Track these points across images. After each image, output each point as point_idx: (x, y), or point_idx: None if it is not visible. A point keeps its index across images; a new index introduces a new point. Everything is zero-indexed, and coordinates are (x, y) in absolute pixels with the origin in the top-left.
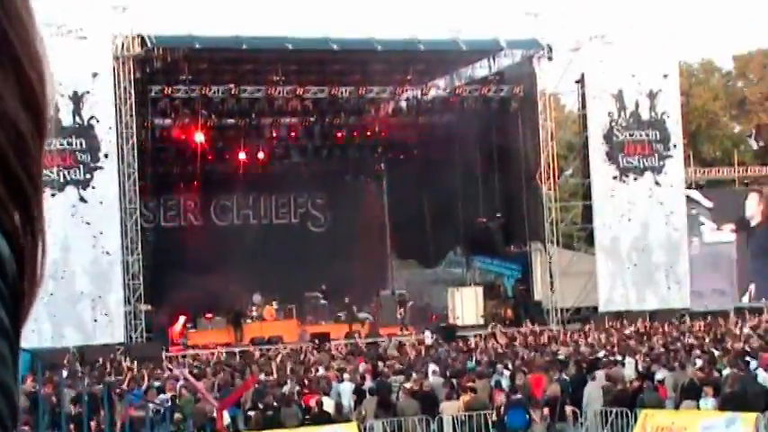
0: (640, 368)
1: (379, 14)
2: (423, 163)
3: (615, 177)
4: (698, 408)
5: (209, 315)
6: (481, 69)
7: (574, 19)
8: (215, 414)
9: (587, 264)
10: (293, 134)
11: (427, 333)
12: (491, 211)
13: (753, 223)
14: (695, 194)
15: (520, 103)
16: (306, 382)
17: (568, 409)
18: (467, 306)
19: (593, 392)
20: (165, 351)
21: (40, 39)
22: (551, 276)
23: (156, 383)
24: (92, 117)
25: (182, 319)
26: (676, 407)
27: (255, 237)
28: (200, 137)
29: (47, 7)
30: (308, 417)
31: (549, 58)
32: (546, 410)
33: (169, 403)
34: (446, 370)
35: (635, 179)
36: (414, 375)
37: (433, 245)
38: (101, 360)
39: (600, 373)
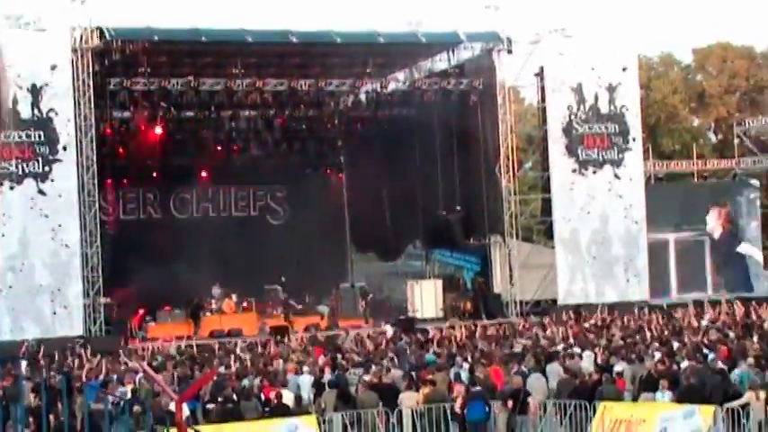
0: (599, 361)
1: (339, 7)
2: (382, 156)
3: (574, 170)
4: (654, 400)
5: (169, 308)
6: (441, 62)
7: (534, 12)
8: (173, 407)
9: (546, 257)
10: (253, 127)
11: (388, 326)
12: (451, 204)
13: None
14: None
15: (480, 96)
16: (265, 375)
17: (531, 400)
18: (426, 299)
19: (535, 383)
20: (125, 344)
21: None
22: (511, 269)
23: (115, 376)
24: (50, 109)
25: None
26: (635, 399)
27: (215, 230)
28: (159, 130)
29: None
30: (267, 409)
31: (509, 51)
32: (510, 402)
33: (128, 396)
34: (406, 363)
35: (594, 172)
36: (373, 368)
37: (393, 238)
38: (60, 352)
39: (556, 366)
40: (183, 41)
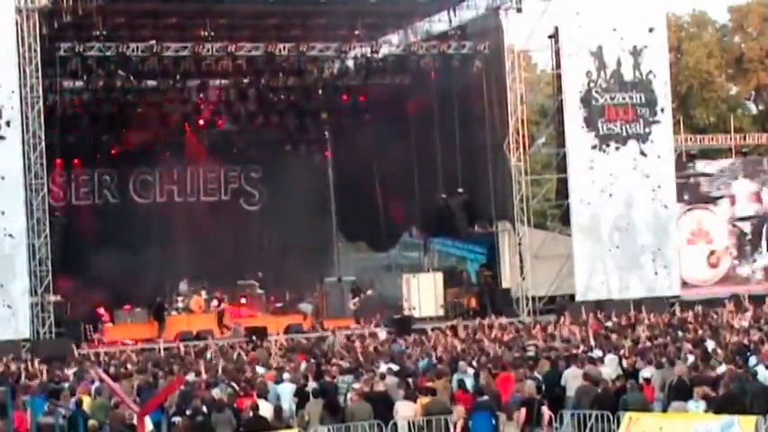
0: (624, 365)
1: None
2: (373, 131)
3: (594, 147)
4: (686, 410)
5: (128, 306)
6: (440, 23)
7: None
8: (135, 420)
9: (562, 246)
10: (224, 98)
11: (379, 328)
12: (452, 186)
13: None
14: None
15: (485, 62)
16: (240, 383)
17: (545, 411)
18: (424, 295)
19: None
20: (78, 348)
21: None
22: (521, 261)
23: (67, 385)
24: None
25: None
26: (664, 409)
27: (181, 216)
28: (116, 102)
29: None
30: (242, 423)
31: (518, 10)
32: (522, 412)
33: (82, 407)
34: (401, 368)
35: (617, 148)
36: (364, 375)
37: (386, 225)
38: (3, 359)
39: (576, 371)
40: (144, 0)
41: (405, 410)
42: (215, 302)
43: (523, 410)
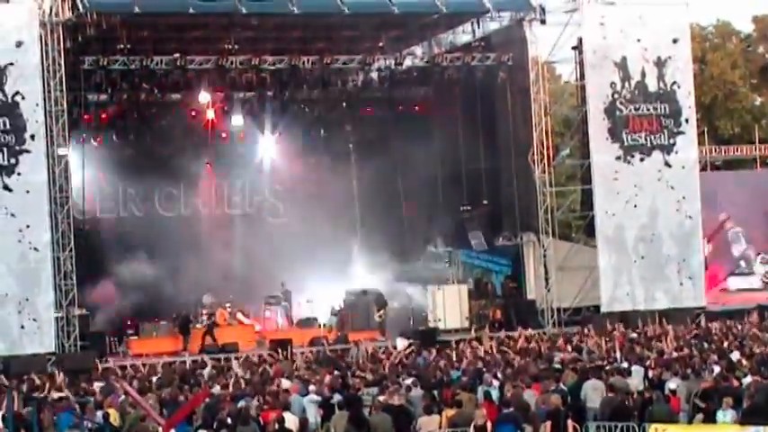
0: (650, 376)
1: None
2: (397, 143)
3: (619, 158)
4: (715, 421)
5: (154, 320)
6: (464, 35)
7: None
8: None
9: (587, 257)
10: (249, 111)
11: (399, 339)
12: (476, 197)
13: None
14: None
15: (509, 73)
16: (265, 395)
17: (570, 423)
18: (449, 307)
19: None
20: (103, 361)
21: None
22: (546, 272)
23: (92, 399)
24: (16, 93)
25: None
26: (690, 420)
27: (205, 229)
28: (141, 114)
29: None
30: None
31: (542, 22)
32: (548, 425)
33: (109, 421)
34: (426, 381)
35: (641, 159)
36: (390, 387)
37: (411, 237)
38: (29, 373)
39: (598, 383)
40: (168, 13)
41: (428, 423)
42: (204, 317)
43: (549, 423)
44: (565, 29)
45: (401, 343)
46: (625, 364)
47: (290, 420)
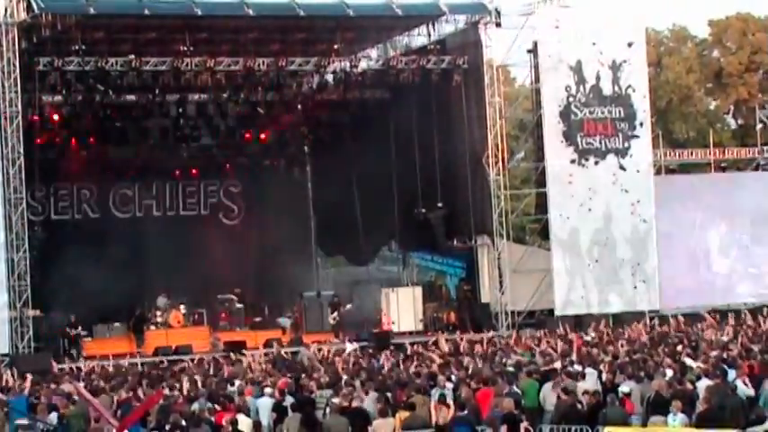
0: (603, 379)
1: None
2: (352, 146)
3: (573, 161)
4: (666, 424)
5: (107, 321)
6: (420, 37)
7: None
8: None
9: (542, 260)
10: (203, 112)
11: (348, 343)
12: (431, 200)
13: None
14: None
15: (464, 77)
16: (218, 397)
17: (523, 426)
18: (403, 309)
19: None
20: (56, 362)
21: None
22: (500, 275)
23: (44, 399)
24: None
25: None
26: (644, 423)
27: (160, 230)
28: (96, 116)
29: None
30: None
31: (498, 25)
32: (504, 428)
33: (60, 422)
34: (380, 383)
35: (596, 163)
36: (343, 390)
37: (365, 239)
38: None
39: (554, 386)
40: (123, 15)
41: (382, 428)
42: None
43: (505, 427)
44: (520, 32)
45: (349, 346)
46: (579, 367)
47: (244, 422)
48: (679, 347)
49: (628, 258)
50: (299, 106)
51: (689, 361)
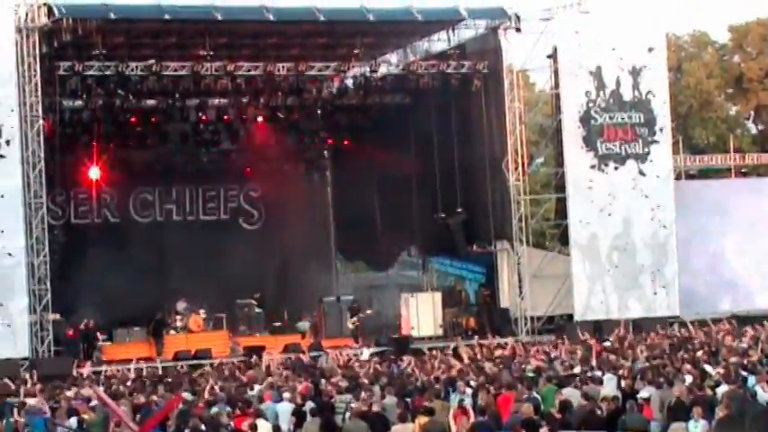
0: (622, 385)
1: None
2: (372, 150)
3: (593, 166)
4: (687, 430)
5: (127, 325)
6: (439, 42)
7: None
8: None
9: (561, 266)
10: (223, 117)
11: (365, 349)
12: (451, 205)
13: None
14: None
15: (484, 82)
16: (238, 402)
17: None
18: (423, 314)
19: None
20: (77, 367)
21: None
22: (520, 280)
23: (64, 404)
24: None
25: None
26: (663, 430)
27: (180, 235)
28: (116, 120)
29: None
30: None
31: (517, 30)
32: None
33: (80, 426)
34: (399, 388)
35: (616, 168)
36: (362, 394)
37: (385, 244)
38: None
39: (573, 392)
40: (144, 19)
41: (401, 431)
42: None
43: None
44: (540, 37)
45: (366, 352)
46: (598, 373)
47: (263, 427)
48: (699, 353)
49: (647, 264)
50: (319, 111)
51: (708, 367)
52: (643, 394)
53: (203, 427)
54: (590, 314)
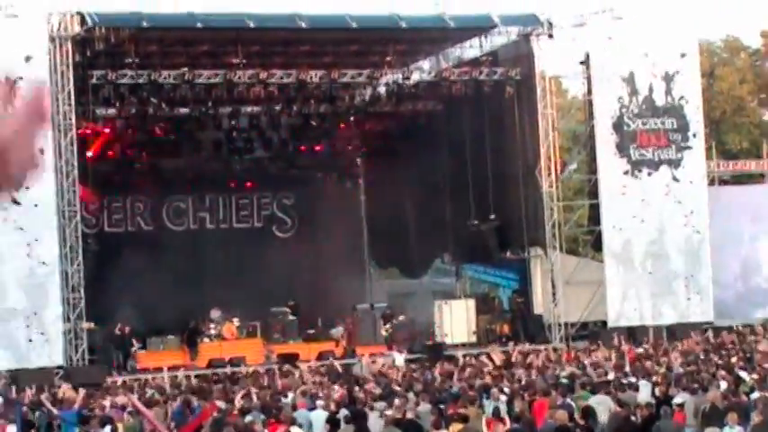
0: (657, 392)
1: None
2: (405, 157)
3: (626, 172)
4: None
5: (161, 333)
6: (472, 49)
7: None
8: None
9: (595, 272)
10: (256, 125)
11: (397, 355)
12: (484, 212)
13: None
14: None
15: (516, 88)
16: (272, 410)
17: None
18: (456, 321)
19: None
20: (111, 375)
21: None
22: (553, 287)
23: (98, 412)
24: None
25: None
26: None
27: (213, 243)
28: (149, 129)
29: None
30: None
31: (550, 36)
32: None
33: None
34: (433, 395)
35: (649, 174)
36: (396, 401)
37: (418, 252)
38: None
39: (605, 398)
40: (176, 28)
41: None
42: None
43: None
44: (572, 44)
45: (399, 358)
46: (633, 379)
47: None
48: (733, 359)
49: (681, 270)
50: (352, 118)
51: (743, 373)
52: (677, 400)
53: None
54: (624, 320)
